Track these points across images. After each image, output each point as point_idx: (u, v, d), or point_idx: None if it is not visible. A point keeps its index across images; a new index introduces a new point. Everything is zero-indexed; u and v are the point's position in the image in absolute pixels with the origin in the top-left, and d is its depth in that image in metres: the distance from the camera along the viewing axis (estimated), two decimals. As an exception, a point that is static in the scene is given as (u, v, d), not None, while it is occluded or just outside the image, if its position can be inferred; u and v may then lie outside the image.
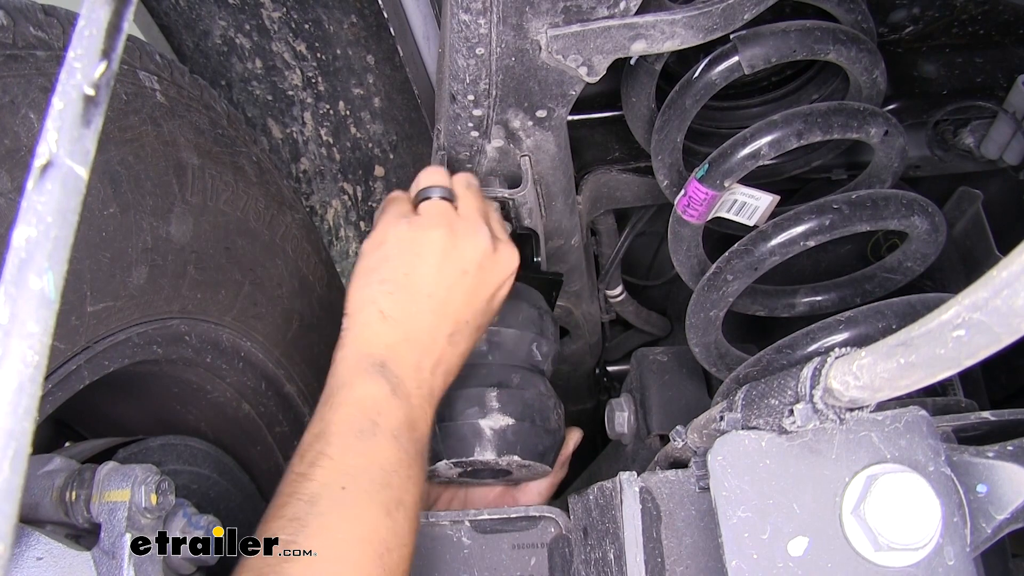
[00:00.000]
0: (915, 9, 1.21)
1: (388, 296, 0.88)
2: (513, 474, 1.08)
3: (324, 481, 0.76)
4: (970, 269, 1.34)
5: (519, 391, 1.04)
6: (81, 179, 0.43)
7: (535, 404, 1.04)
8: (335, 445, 0.78)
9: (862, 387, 0.57)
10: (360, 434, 0.80)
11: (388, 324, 0.88)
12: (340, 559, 0.72)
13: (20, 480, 0.39)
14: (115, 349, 0.92)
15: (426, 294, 0.89)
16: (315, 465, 0.77)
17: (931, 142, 1.28)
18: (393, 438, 0.81)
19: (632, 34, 0.85)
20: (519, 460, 1.02)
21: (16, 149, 0.77)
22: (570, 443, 1.14)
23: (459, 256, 0.91)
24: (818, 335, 0.86)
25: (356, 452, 0.79)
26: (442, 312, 0.89)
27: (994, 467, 0.70)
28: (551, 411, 1.06)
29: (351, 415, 0.81)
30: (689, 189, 0.99)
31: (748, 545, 0.67)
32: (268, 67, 1.64)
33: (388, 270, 0.90)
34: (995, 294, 0.44)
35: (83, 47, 0.46)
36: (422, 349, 0.88)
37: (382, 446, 0.80)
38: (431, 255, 0.90)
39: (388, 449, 0.80)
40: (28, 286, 0.40)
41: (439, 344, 0.89)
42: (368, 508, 0.76)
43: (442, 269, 0.90)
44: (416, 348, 0.88)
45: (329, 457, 0.77)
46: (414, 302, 0.89)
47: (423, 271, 0.89)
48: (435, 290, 0.89)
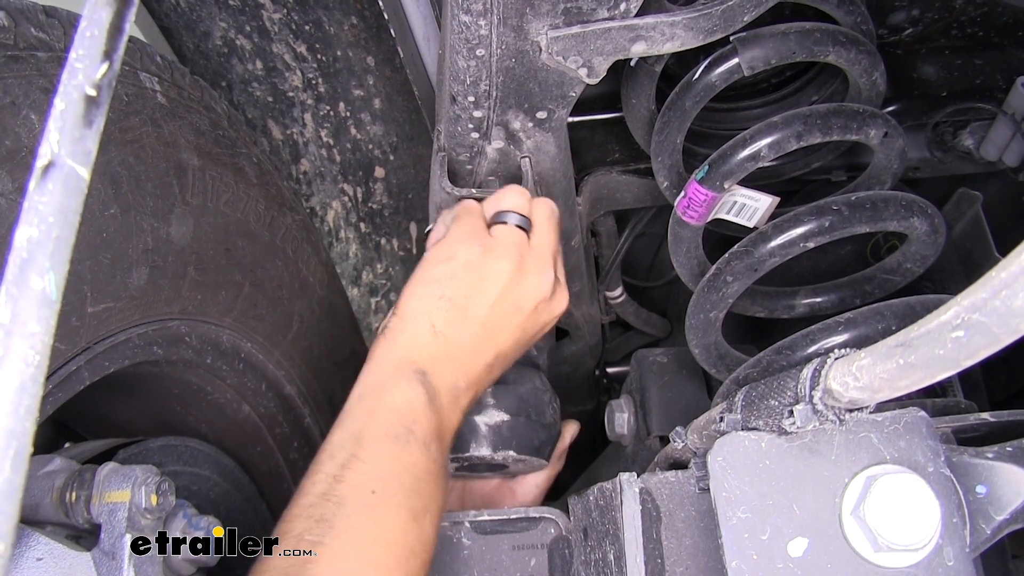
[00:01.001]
0: (914, 11, 1.21)
1: (444, 312, 0.90)
2: (509, 468, 1.09)
3: (354, 484, 0.76)
4: (970, 270, 1.35)
5: (514, 386, 1.05)
6: (83, 179, 0.43)
7: (530, 399, 1.05)
8: (368, 449, 0.79)
9: (862, 388, 0.57)
10: (395, 440, 0.81)
11: (437, 338, 0.89)
12: (366, 561, 0.73)
13: (21, 480, 0.39)
14: (115, 350, 0.92)
15: (480, 321, 0.91)
16: (347, 467, 0.77)
17: (930, 144, 1.28)
18: (424, 446, 0.82)
19: (632, 35, 0.85)
20: (514, 455, 1.02)
21: (17, 150, 0.77)
22: (567, 436, 1.15)
23: (520, 294, 0.93)
24: (818, 336, 0.86)
25: (389, 457, 0.80)
26: (489, 341, 0.92)
27: (993, 468, 0.70)
28: (546, 405, 1.07)
29: (388, 420, 0.82)
30: (689, 190, 0.99)
31: (748, 546, 0.67)
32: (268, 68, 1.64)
33: (450, 288, 0.91)
34: (994, 295, 0.44)
35: (85, 48, 0.46)
36: (462, 370, 0.90)
37: (414, 453, 0.81)
38: (494, 285, 0.92)
39: (419, 456, 0.81)
40: (29, 286, 0.40)
41: (478, 369, 0.91)
42: (397, 513, 0.76)
43: (501, 301, 0.92)
44: (457, 367, 0.89)
45: (362, 460, 0.78)
46: (466, 325, 0.90)
47: (483, 299, 0.91)
48: (489, 319, 0.91)
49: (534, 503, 1.15)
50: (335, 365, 1.40)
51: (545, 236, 0.97)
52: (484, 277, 0.92)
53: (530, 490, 1.15)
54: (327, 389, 1.38)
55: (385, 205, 1.88)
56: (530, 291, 0.93)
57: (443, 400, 0.87)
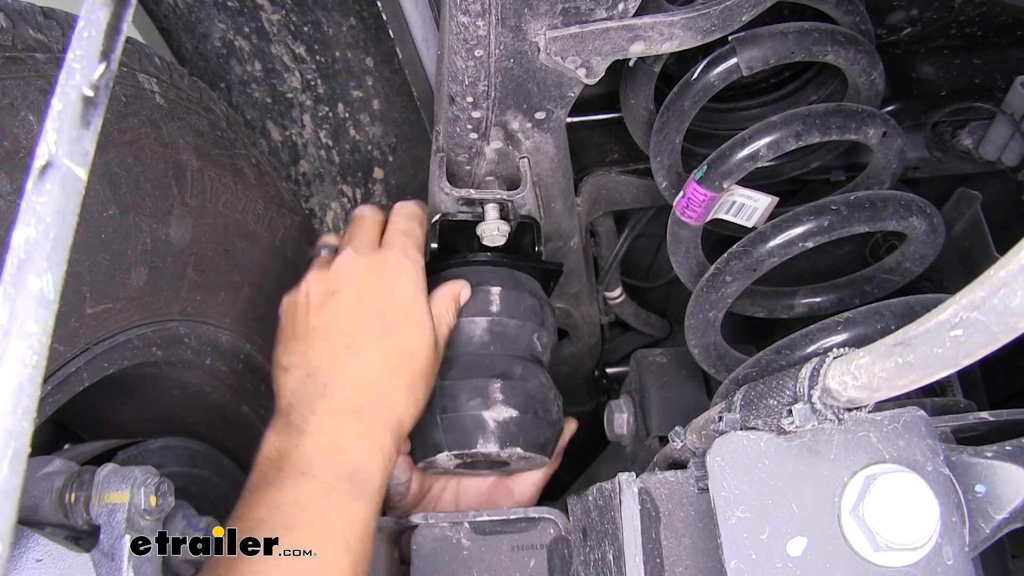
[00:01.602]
0: (913, 11, 1.21)
1: (284, 352, 0.97)
2: (511, 466, 1.08)
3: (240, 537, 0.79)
4: (969, 270, 1.35)
5: (522, 382, 1.04)
6: (80, 179, 0.43)
7: (537, 395, 1.04)
8: (244, 503, 0.83)
9: (860, 387, 0.57)
10: (267, 484, 0.83)
11: (289, 373, 0.94)
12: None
13: (19, 480, 0.39)
14: (114, 351, 0.92)
15: (309, 329, 0.95)
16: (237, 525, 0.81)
17: (929, 143, 1.28)
18: (299, 474, 0.84)
19: (630, 35, 0.85)
20: (521, 452, 1.01)
21: (15, 151, 0.77)
22: (565, 434, 1.14)
23: (325, 283, 0.97)
24: (817, 336, 0.86)
25: (259, 504, 0.82)
26: (330, 334, 0.94)
27: (992, 467, 0.70)
28: (552, 402, 1.06)
29: (258, 471, 0.86)
30: (688, 191, 0.99)
31: (747, 545, 0.67)
32: (267, 70, 1.64)
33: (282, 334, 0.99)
34: (992, 293, 0.44)
35: (82, 48, 0.46)
36: (324, 374, 0.92)
37: (287, 486, 0.83)
38: (304, 297, 0.98)
39: (295, 487, 0.83)
40: (27, 286, 0.40)
41: (339, 361, 0.92)
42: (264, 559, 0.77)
43: (313, 301, 0.96)
44: (317, 377, 0.92)
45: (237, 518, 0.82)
46: (302, 341, 0.95)
47: (301, 314, 0.97)
48: (315, 320, 0.95)
49: (531, 502, 1.15)
50: (334, 366, 1.40)
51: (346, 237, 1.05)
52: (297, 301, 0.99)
53: (527, 488, 1.14)
54: (326, 390, 1.38)
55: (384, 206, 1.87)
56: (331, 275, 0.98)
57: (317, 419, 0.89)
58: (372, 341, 0.94)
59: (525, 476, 1.14)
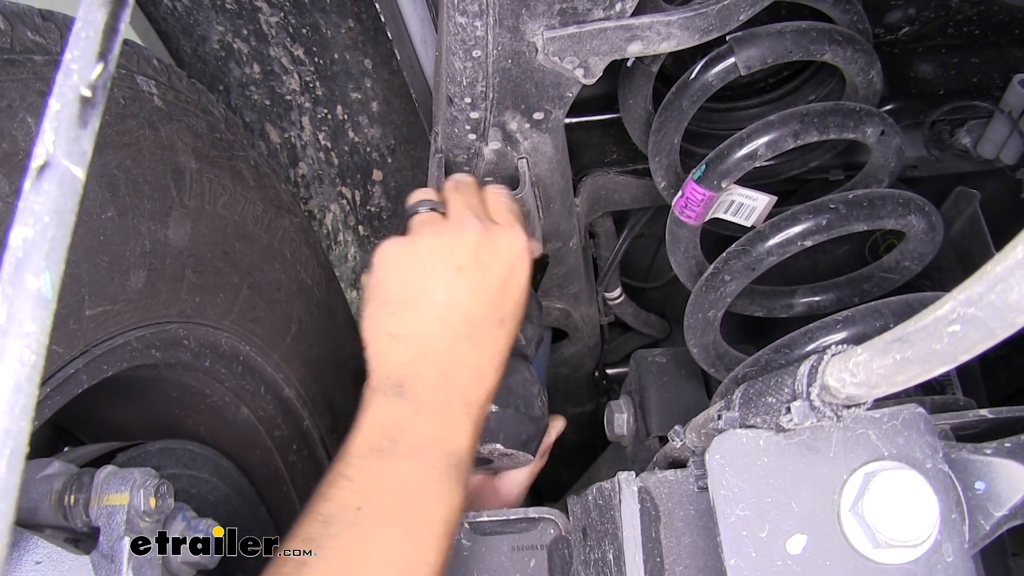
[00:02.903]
0: (911, 10, 1.22)
1: (392, 316, 0.87)
2: (494, 464, 1.06)
3: (340, 502, 0.75)
4: (967, 268, 1.35)
5: (502, 377, 1.02)
6: (78, 179, 0.43)
7: (518, 391, 1.01)
8: (352, 466, 0.78)
9: (859, 384, 0.57)
10: (379, 453, 0.79)
11: (400, 344, 0.86)
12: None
13: (17, 479, 0.39)
14: (113, 353, 0.92)
15: (428, 303, 0.87)
16: (333, 485, 0.76)
17: (928, 142, 1.28)
18: (414, 455, 0.79)
19: (628, 35, 0.85)
20: (501, 448, 0.99)
21: (13, 153, 0.77)
22: (552, 432, 1.11)
23: (450, 255, 0.88)
24: (816, 335, 0.87)
25: (373, 472, 0.78)
26: (450, 317, 0.87)
27: (992, 464, 0.70)
28: (535, 398, 1.03)
29: (370, 435, 0.80)
30: (686, 190, 0.99)
31: (747, 543, 0.67)
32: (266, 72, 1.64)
33: (385, 291, 0.88)
34: (989, 289, 0.44)
35: (80, 49, 0.46)
36: (442, 360, 0.86)
37: (402, 465, 0.79)
38: (422, 263, 0.88)
39: (410, 467, 0.79)
40: (25, 286, 0.40)
41: (458, 350, 0.86)
42: (386, 528, 0.74)
43: (436, 273, 0.87)
44: (435, 360, 0.85)
45: (347, 478, 0.76)
46: (418, 314, 0.87)
47: (418, 281, 0.87)
48: (435, 296, 0.87)
49: (517, 501, 1.13)
50: (334, 368, 1.40)
51: (455, 200, 0.93)
52: (410, 262, 0.88)
53: (513, 487, 1.12)
54: (326, 392, 1.38)
55: (383, 208, 1.88)
56: (459, 245, 0.88)
57: (435, 401, 0.83)
58: (491, 334, 0.88)
59: (511, 475, 1.13)
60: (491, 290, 0.89)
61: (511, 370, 1.02)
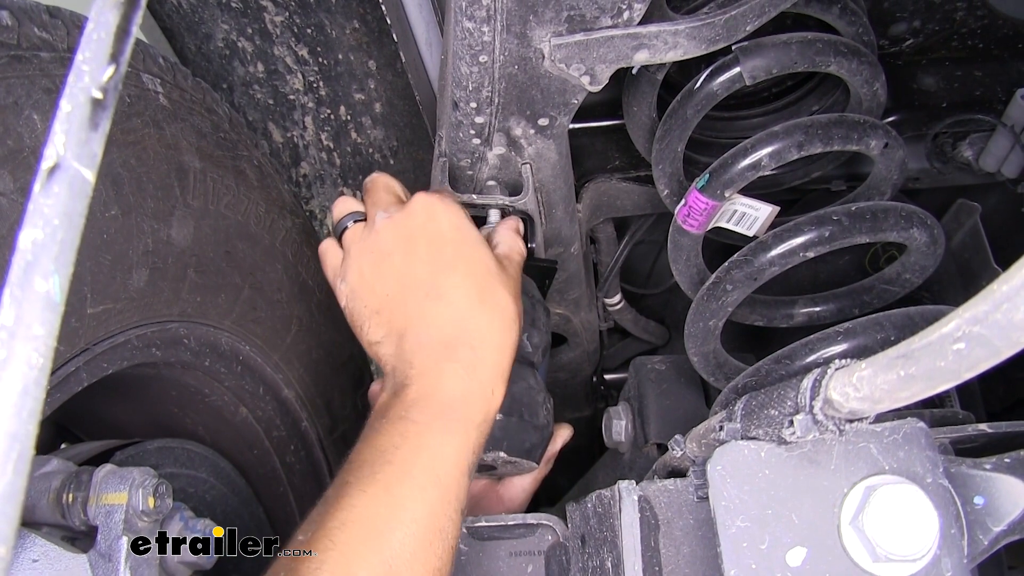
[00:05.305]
0: (915, 22, 1.22)
1: (368, 329, 0.92)
2: (497, 470, 1.06)
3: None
4: (968, 281, 1.35)
5: (508, 384, 1.02)
6: (88, 182, 0.43)
7: (523, 398, 1.01)
8: (355, 448, 0.81)
9: (862, 399, 0.57)
10: (372, 431, 0.83)
11: (383, 345, 0.91)
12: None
13: (23, 483, 0.39)
14: (114, 351, 0.92)
15: (382, 297, 0.92)
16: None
17: (930, 155, 1.28)
18: (399, 419, 0.82)
19: (635, 44, 0.85)
20: (505, 456, 0.99)
21: (19, 150, 0.77)
22: (558, 441, 1.12)
23: (373, 251, 0.94)
24: (817, 346, 0.87)
25: (368, 447, 0.80)
26: (400, 295, 0.91)
27: (991, 479, 0.70)
28: (540, 406, 1.03)
29: (367, 424, 0.84)
30: (689, 199, 0.99)
31: (746, 555, 0.67)
32: (270, 71, 1.64)
33: (358, 313, 0.94)
34: (995, 308, 0.44)
35: (92, 50, 0.46)
36: (412, 330, 0.89)
37: (388, 431, 0.81)
38: (364, 273, 0.94)
39: (396, 430, 0.81)
40: (34, 288, 0.40)
41: (423, 311, 0.90)
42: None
43: (372, 274, 0.93)
44: (407, 337, 0.89)
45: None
46: (381, 312, 0.92)
47: (368, 290, 0.93)
48: (383, 289, 0.92)
49: (520, 507, 1.13)
50: (333, 369, 1.40)
51: (367, 203, 0.99)
52: (366, 274, 0.94)
53: (517, 494, 1.12)
54: (325, 393, 1.38)
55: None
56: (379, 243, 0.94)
57: (406, 373, 0.86)
58: (445, 279, 0.91)
59: (515, 481, 1.13)
60: (424, 248, 0.92)
61: (516, 377, 1.02)
